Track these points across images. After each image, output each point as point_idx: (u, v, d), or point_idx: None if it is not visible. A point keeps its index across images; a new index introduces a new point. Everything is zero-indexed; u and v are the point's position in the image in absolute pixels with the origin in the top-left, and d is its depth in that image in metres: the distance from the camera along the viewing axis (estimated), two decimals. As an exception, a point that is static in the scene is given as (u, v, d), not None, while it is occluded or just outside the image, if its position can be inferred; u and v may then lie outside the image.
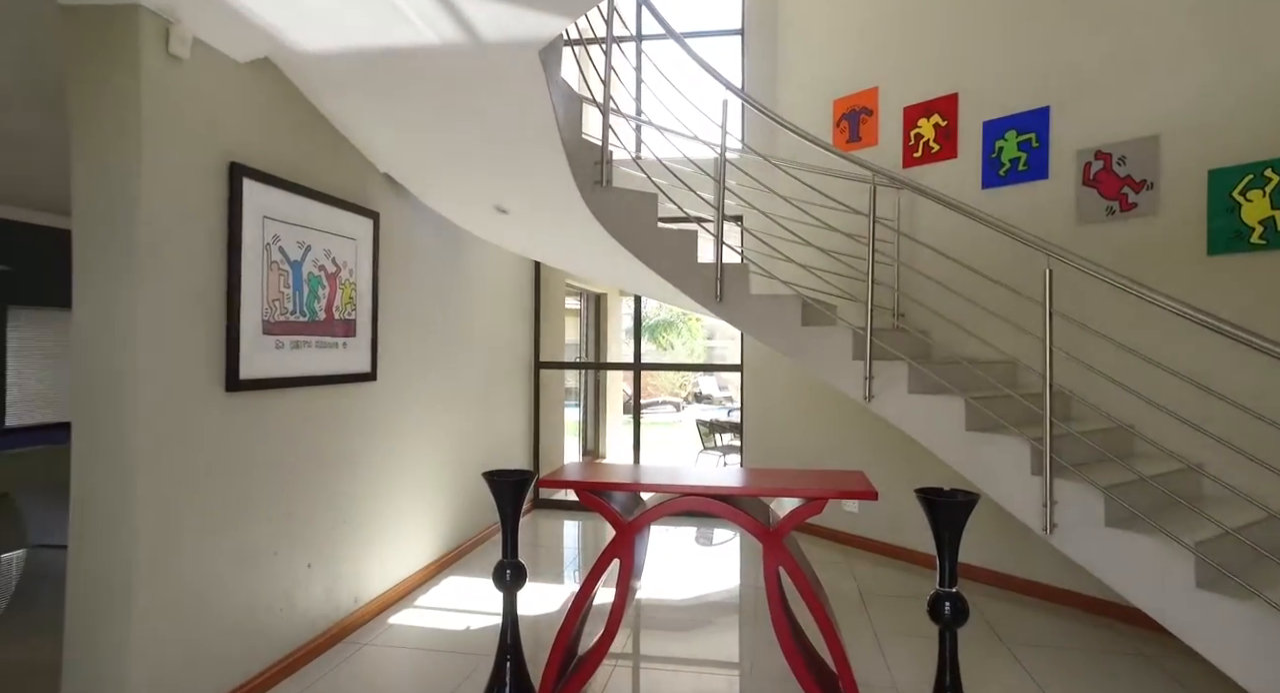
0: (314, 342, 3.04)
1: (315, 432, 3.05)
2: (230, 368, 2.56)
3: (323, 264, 3.09)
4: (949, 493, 2.21)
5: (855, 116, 4.72)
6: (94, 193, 2.22)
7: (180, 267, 2.35)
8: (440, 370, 4.20)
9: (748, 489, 2.32)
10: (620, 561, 2.38)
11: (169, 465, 2.31)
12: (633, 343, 6.21)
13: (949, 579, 2.14)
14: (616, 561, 2.42)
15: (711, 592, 4.05)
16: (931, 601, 2.15)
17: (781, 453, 5.22)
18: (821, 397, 4.86)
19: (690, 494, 2.31)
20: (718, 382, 21.86)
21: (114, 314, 2.22)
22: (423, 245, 3.98)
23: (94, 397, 2.24)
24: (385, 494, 3.60)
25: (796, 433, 5.14)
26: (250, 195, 2.63)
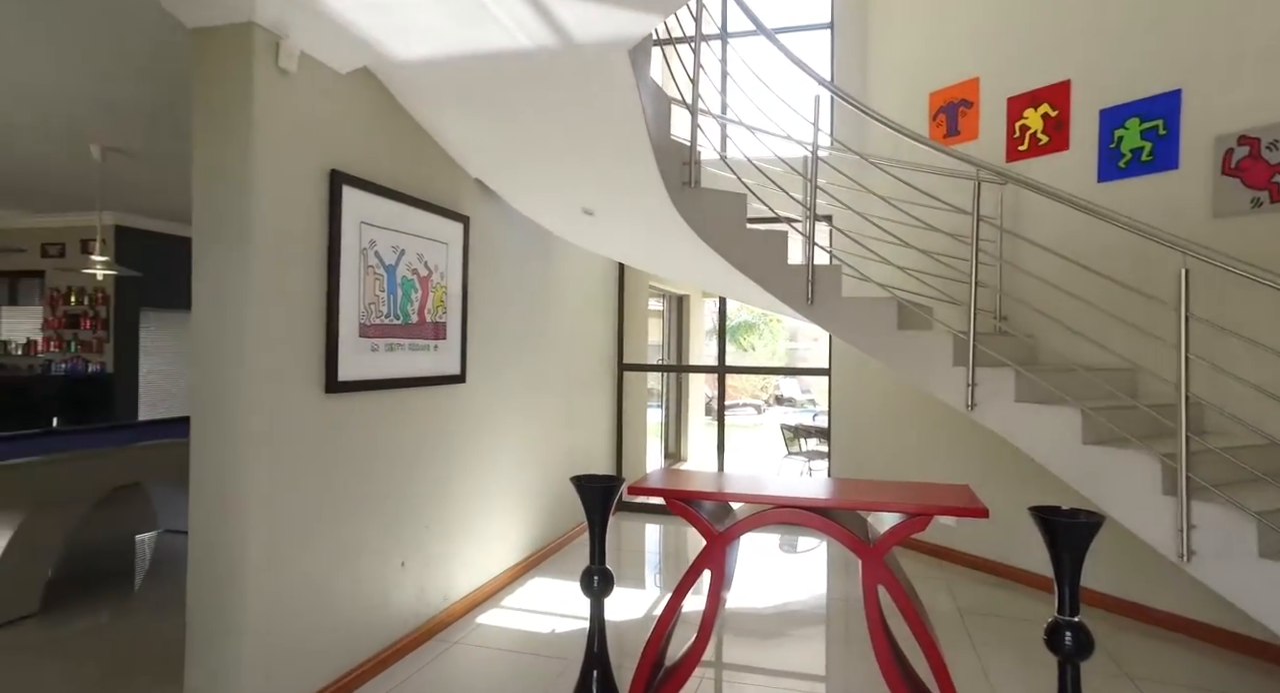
0: (407, 344, 3.11)
1: (408, 433, 3.12)
2: (329, 369, 2.64)
3: (415, 268, 3.15)
4: (1069, 513, 2.03)
5: (953, 109, 4.48)
6: (210, 201, 2.33)
7: (285, 271, 2.44)
8: (526, 372, 4.24)
9: (845, 502, 2.20)
10: (710, 572, 2.31)
11: (275, 463, 2.40)
12: (715, 345, 6.12)
13: (1070, 607, 1.96)
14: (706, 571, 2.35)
15: (796, 601, 3.92)
16: (1050, 629, 1.97)
17: (872, 461, 5.02)
18: (915, 403, 4.64)
19: (784, 506, 2.22)
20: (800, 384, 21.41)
21: (226, 316, 2.32)
22: (510, 248, 4.03)
23: (209, 395, 2.35)
24: (474, 495, 3.65)
25: (888, 441, 4.93)
26: (349, 202, 2.71)
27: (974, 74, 4.38)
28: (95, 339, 7.00)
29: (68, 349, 7.04)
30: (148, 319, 7.36)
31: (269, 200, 2.35)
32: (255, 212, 2.30)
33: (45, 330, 7.14)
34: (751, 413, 17.12)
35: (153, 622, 3.46)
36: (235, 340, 2.31)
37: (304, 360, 2.53)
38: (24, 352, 7.25)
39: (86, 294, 6.99)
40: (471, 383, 3.61)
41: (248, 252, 2.29)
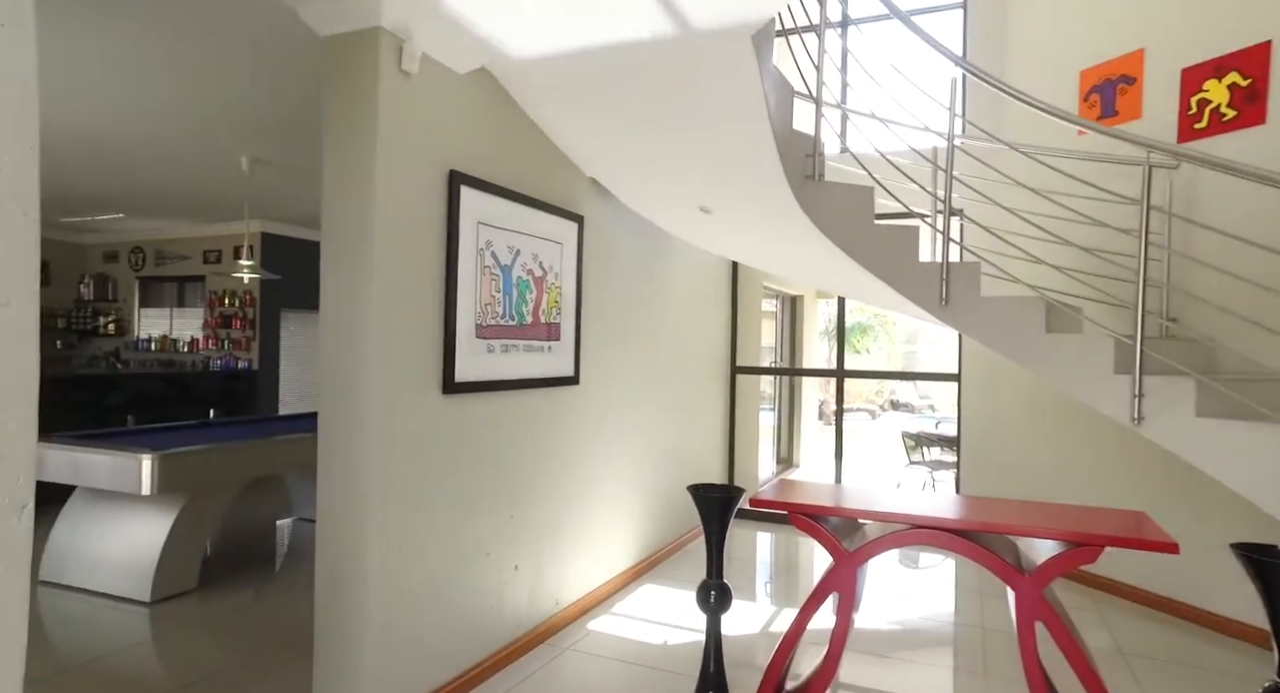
0: (521, 345, 3.10)
1: (522, 435, 3.11)
2: (446, 370, 2.66)
3: (530, 268, 3.14)
4: (1282, 552, 1.71)
5: (1110, 88, 4.01)
6: (338, 204, 2.39)
7: (405, 272, 2.47)
8: (638, 374, 4.17)
9: (995, 524, 1.96)
10: (839, 594, 2.13)
11: (395, 462, 2.43)
12: (832, 348, 5.83)
13: (1286, 666, 1.65)
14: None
15: (918, 622, 3.62)
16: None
17: (1007, 477, 4.59)
18: (1060, 415, 4.20)
19: (924, 527, 2.00)
20: (916, 390, 20.33)
21: (350, 316, 2.37)
22: (623, 248, 3.97)
23: (334, 393, 2.41)
24: (587, 498, 3.61)
25: (1027, 455, 4.49)
26: (467, 202, 2.72)
27: (1137, 46, 3.91)
28: (244, 338, 7.59)
29: (222, 347, 7.67)
30: (287, 319, 7.91)
31: (391, 201, 2.39)
32: (378, 213, 2.34)
33: (205, 330, 7.82)
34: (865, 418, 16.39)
35: (290, 603, 3.65)
36: (358, 340, 2.35)
37: (422, 361, 2.56)
38: (189, 349, 7.97)
39: (237, 297, 7.59)
40: (585, 385, 3.57)
41: (370, 252, 2.33)
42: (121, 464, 3.51)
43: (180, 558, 3.73)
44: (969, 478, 4.89)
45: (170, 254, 8.08)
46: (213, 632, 3.35)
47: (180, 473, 3.57)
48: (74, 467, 3.71)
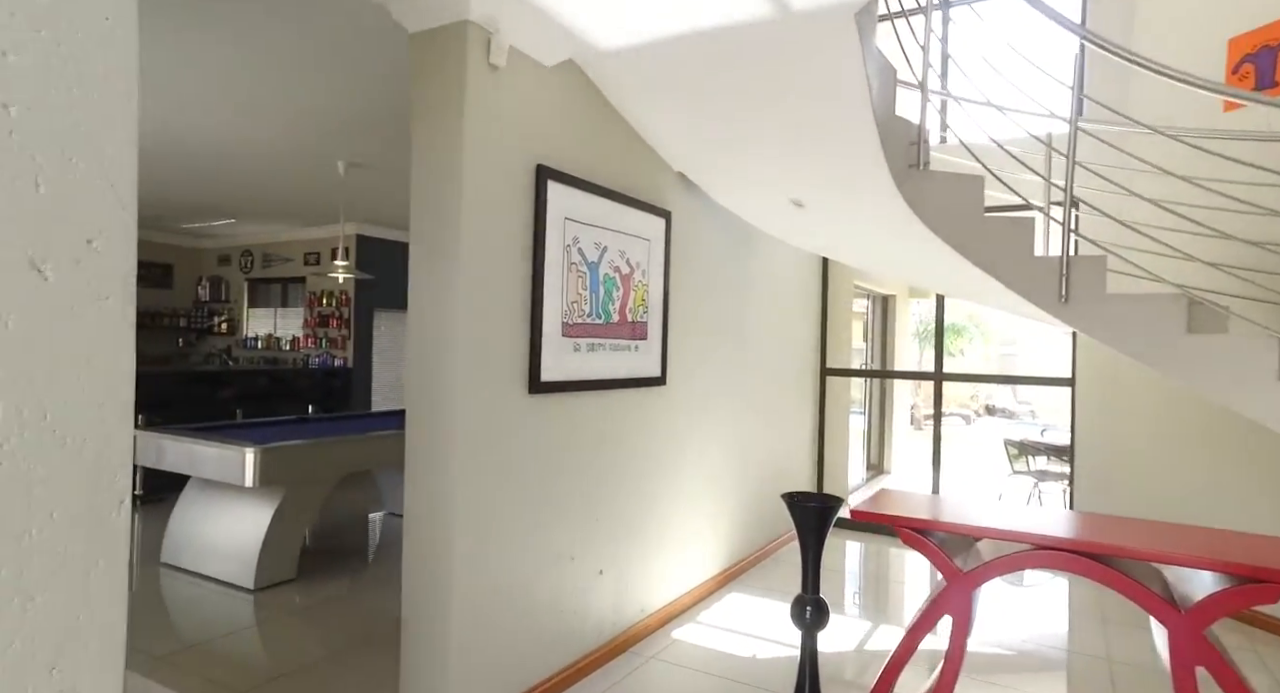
0: (608, 344, 3.03)
1: (608, 436, 3.04)
2: (532, 369, 2.61)
3: (617, 265, 3.07)
4: None
5: (1269, 57, 3.58)
6: (425, 200, 2.38)
7: (491, 269, 2.43)
8: (726, 375, 4.04)
9: (1148, 551, 1.73)
10: (953, 618, 1.94)
11: (480, 463, 2.40)
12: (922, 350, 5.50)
13: None
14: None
15: (1028, 646, 3.32)
16: None
17: (1133, 493, 4.19)
18: (1204, 425, 3.79)
19: (1054, 549, 1.79)
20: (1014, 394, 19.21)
21: (438, 314, 2.35)
22: (711, 245, 3.84)
23: (420, 392, 2.40)
24: (672, 502, 3.51)
25: (1158, 469, 4.09)
26: (554, 197, 2.67)
27: (1297, 9, 3.48)
28: (340, 337, 7.90)
29: (320, 346, 8.01)
30: (380, 319, 8.18)
31: (478, 196, 2.36)
32: (465, 208, 2.31)
33: (305, 329, 8.19)
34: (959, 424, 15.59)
35: (380, 597, 3.72)
36: (445, 338, 2.33)
37: (508, 360, 2.52)
38: (290, 347, 8.37)
39: (333, 297, 7.91)
40: (671, 385, 3.47)
41: (457, 248, 2.30)
42: (227, 457, 3.66)
43: (280, 549, 3.87)
44: (1085, 493, 4.50)
45: (275, 257, 8.51)
46: (309, 622, 3.45)
47: (279, 467, 3.70)
48: (188, 458, 3.91)
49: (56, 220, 1.01)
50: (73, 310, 1.02)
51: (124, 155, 1.08)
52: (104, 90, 1.06)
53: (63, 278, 1.01)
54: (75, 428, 1.02)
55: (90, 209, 1.05)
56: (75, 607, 1.03)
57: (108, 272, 1.05)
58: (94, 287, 1.04)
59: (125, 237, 1.08)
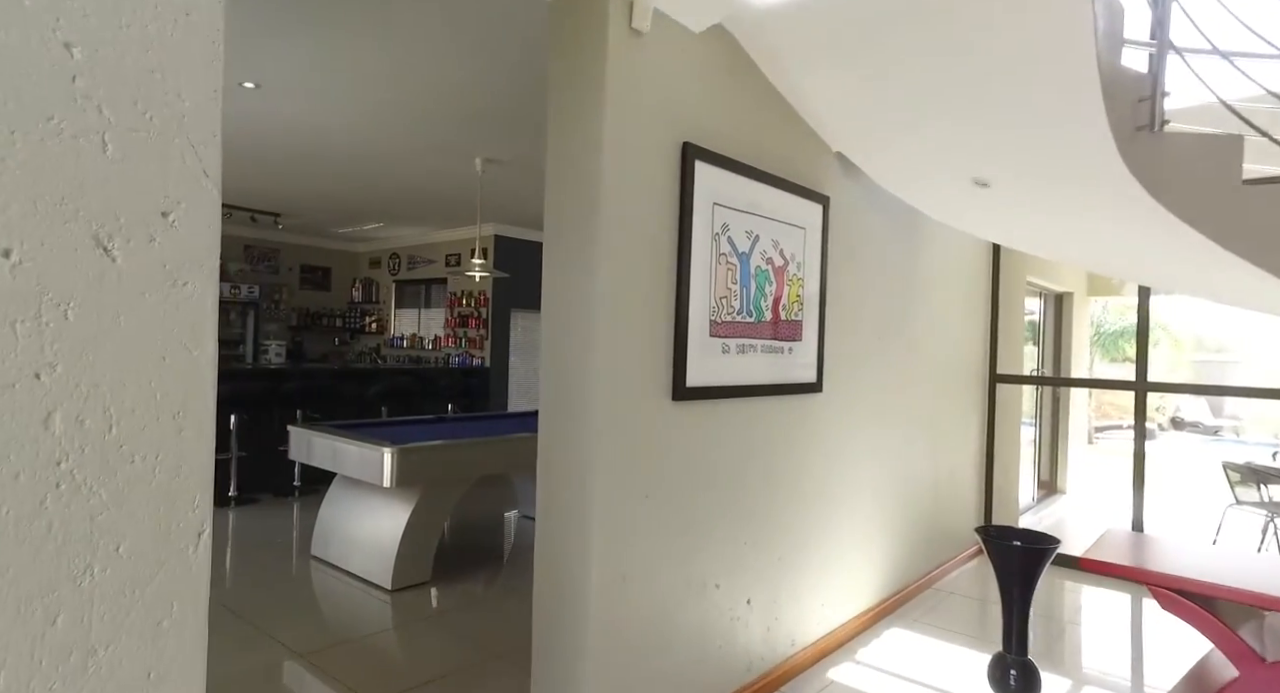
0: (759, 345, 2.69)
1: (758, 450, 2.70)
2: (677, 373, 2.32)
3: (770, 256, 2.72)
4: None
5: None
6: (560, 185, 2.16)
7: (634, 260, 2.17)
8: (887, 381, 3.58)
9: None
10: (1242, 719, 1.45)
11: (619, 476, 2.14)
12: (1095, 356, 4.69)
13: None
14: None
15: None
16: None
17: None
18: None
19: None
20: (1209, 405, 16.82)
21: (574, 310, 2.12)
22: (872, 234, 3.40)
23: (555, 398, 2.18)
24: (826, 524, 3.11)
25: None
26: (701, 179, 2.37)
27: None
28: (478, 337, 8.05)
29: (460, 345, 8.21)
30: (517, 319, 8.26)
31: (619, 177, 2.10)
32: (605, 190, 2.06)
33: (445, 328, 8.43)
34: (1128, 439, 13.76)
35: (513, 606, 3.59)
36: (581, 337, 2.10)
37: (650, 362, 2.25)
38: (432, 346, 8.65)
39: (472, 297, 8.07)
40: (828, 392, 3.08)
41: (596, 235, 2.06)
42: (367, 456, 3.66)
43: (416, 550, 3.83)
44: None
45: (420, 259, 8.83)
46: (444, 630, 3.35)
47: (416, 468, 3.65)
48: (332, 455, 3.97)
49: (127, 188, 0.81)
50: (145, 297, 0.82)
51: (207, 111, 0.88)
52: (185, 29, 0.87)
53: (134, 258, 0.81)
54: (146, 443, 0.82)
55: (167, 175, 0.85)
56: (146, 662, 0.84)
57: (187, 251, 0.86)
58: (170, 270, 0.84)
59: (208, 210, 0.87)
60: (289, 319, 8.98)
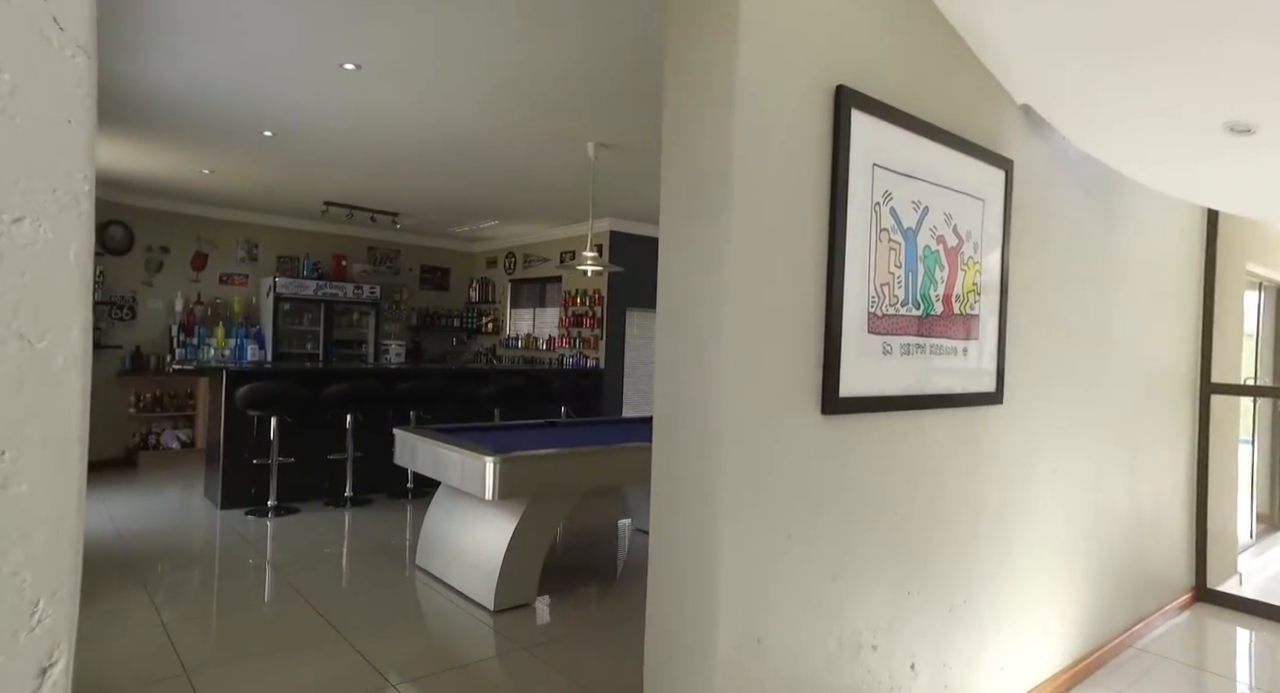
0: (927, 345, 2.14)
1: (925, 476, 2.15)
2: (827, 380, 1.83)
3: (941, 234, 2.16)
4: None
5: None
6: (682, 139, 1.73)
7: (773, 240, 1.70)
8: (1075, 391, 2.89)
9: None
10: None
11: (755, 510, 1.68)
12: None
13: None
14: None
15: None
16: None
17: None
18: None
19: None
20: None
21: (695, 305, 1.68)
22: (1061, 209, 2.74)
23: (672, 411, 1.76)
24: (1007, 567, 2.50)
25: None
26: (859, 133, 1.86)
27: None
28: (592, 337, 7.79)
29: (574, 346, 7.98)
30: (632, 319, 7.93)
31: (754, 130, 1.64)
32: (738, 147, 1.61)
33: (559, 328, 8.23)
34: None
35: (626, 639, 3.20)
36: (704, 336, 1.65)
37: (793, 367, 1.77)
38: (546, 347, 8.49)
39: (587, 296, 7.82)
40: (1008, 404, 2.46)
41: (727, 203, 1.61)
42: (469, 465, 3.39)
43: (521, 568, 3.52)
44: None
45: (534, 257, 8.71)
46: (548, 664, 2.99)
47: (521, 479, 3.34)
48: (436, 461, 3.74)
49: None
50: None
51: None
52: None
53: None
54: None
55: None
56: None
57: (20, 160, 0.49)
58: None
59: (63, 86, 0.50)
60: (409, 320, 9.12)
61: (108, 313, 6.85)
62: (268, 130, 4.54)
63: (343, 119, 4.25)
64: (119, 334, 6.95)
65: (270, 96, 3.92)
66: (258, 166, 5.59)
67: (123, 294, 7.00)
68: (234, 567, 4.12)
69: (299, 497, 5.41)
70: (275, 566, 4.12)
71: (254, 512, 5.12)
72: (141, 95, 4.01)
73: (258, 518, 5.04)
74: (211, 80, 3.75)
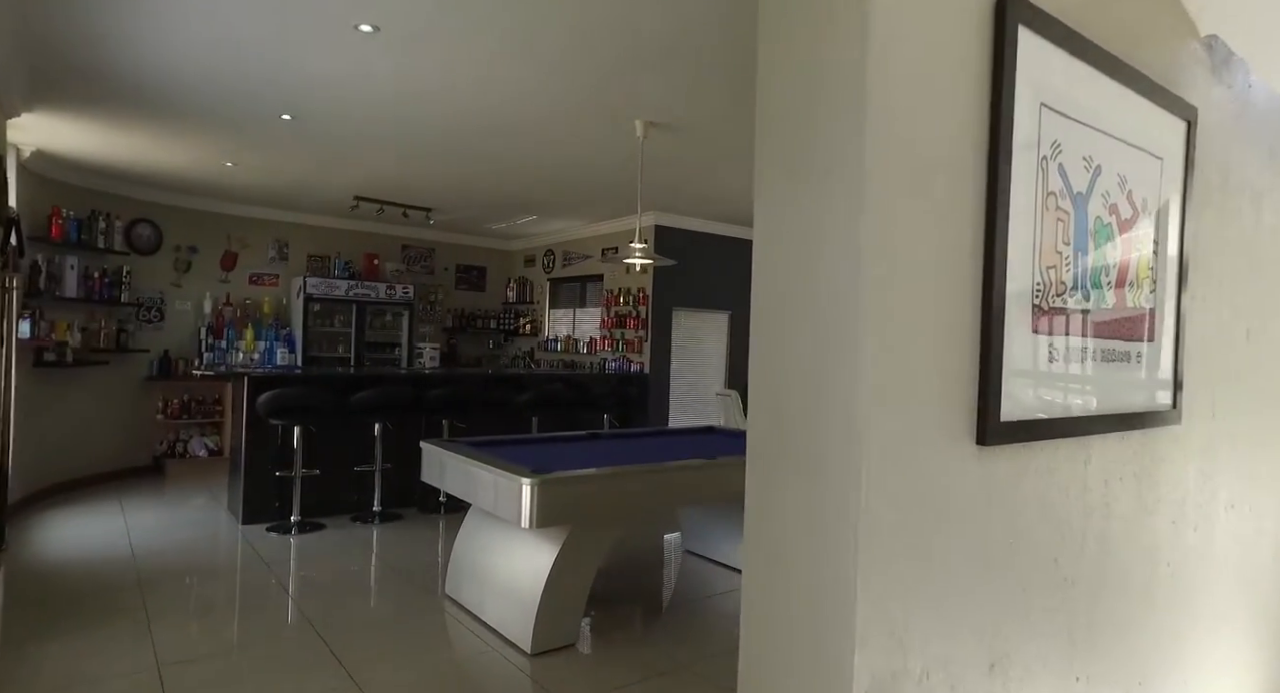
0: (1098, 348, 1.62)
1: (1094, 525, 1.63)
2: (985, 399, 1.32)
3: (1114, 202, 1.64)
4: None
5: None
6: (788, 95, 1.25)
7: (911, 206, 1.21)
8: (1258, 406, 2.31)
9: None
10: None
11: (884, 578, 1.19)
12: None
13: None
14: None
15: None
16: None
17: None
18: None
19: None
20: None
21: (810, 296, 1.20)
22: (1243, 174, 2.17)
23: (773, 434, 1.28)
24: (1185, 639, 1.95)
25: None
26: (1026, 59, 1.35)
27: None
28: (636, 339, 7.33)
29: (616, 348, 7.53)
30: (679, 319, 7.45)
31: (893, 72, 1.15)
32: (871, 96, 1.12)
33: (601, 330, 7.79)
34: None
35: (688, 680, 2.73)
36: (827, 342, 1.17)
37: (940, 379, 1.27)
38: (587, 350, 8.06)
39: (631, 295, 7.36)
40: (1187, 424, 1.92)
41: (860, 162, 1.12)
42: (503, 486, 2.96)
43: (562, 604, 3.08)
44: None
45: (575, 255, 8.29)
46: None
47: (563, 504, 2.90)
48: (467, 481, 3.32)
49: None
50: None
51: None
52: None
53: None
54: None
55: None
56: None
57: None
58: None
59: None
60: (444, 321, 8.78)
61: (135, 315, 6.63)
62: (285, 114, 4.18)
63: (364, 96, 3.86)
64: (147, 337, 6.72)
65: (283, 71, 3.54)
66: (281, 156, 5.26)
67: (151, 296, 6.78)
68: (247, 594, 3.76)
69: (324, 511, 5.05)
70: (291, 593, 3.75)
71: (276, 528, 4.78)
72: (149, 77, 3.68)
73: (280, 534, 4.70)
74: (216, 53, 3.39)
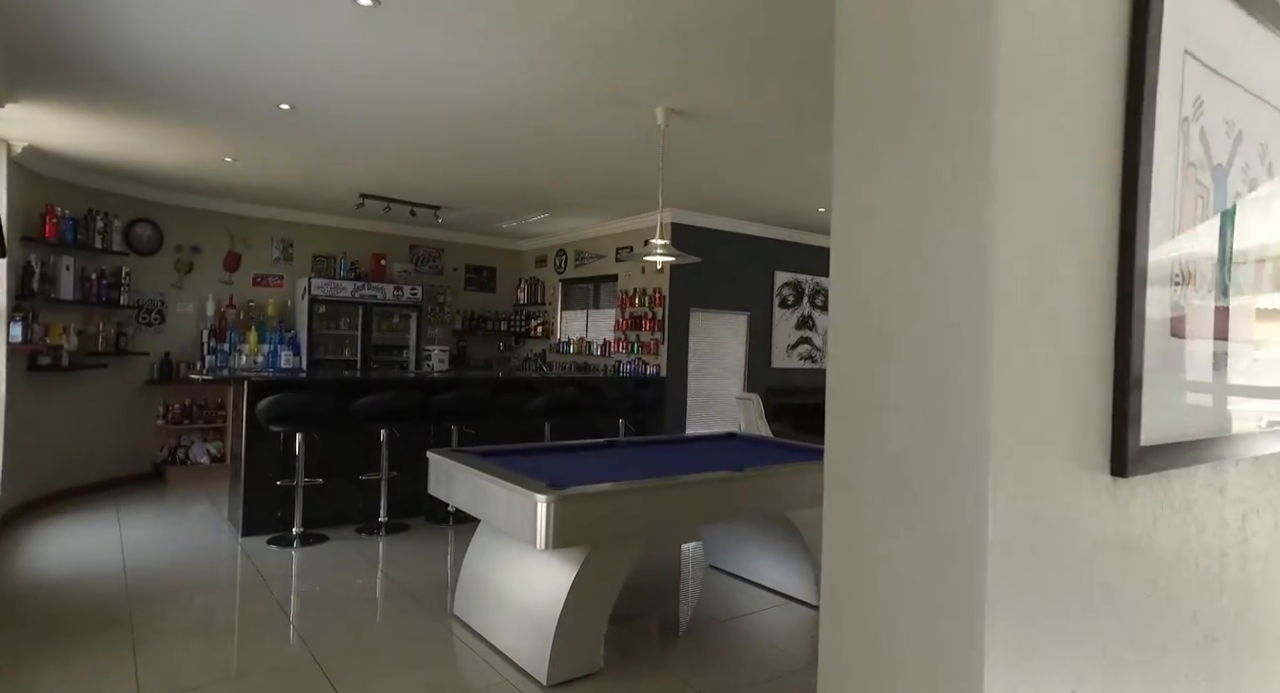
0: (1233, 354, 1.35)
1: (1230, 569, 1.36)
2: (1120, 422, 1.06)
3: (1254, 176, 1.37)
4: None
5: None
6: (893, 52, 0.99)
7: (1036, 180, 0.94)
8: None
9: None
10: None
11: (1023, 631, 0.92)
12: None
13: None
14: None
15: None
16: None
17: None
18: None
19: None
20: None
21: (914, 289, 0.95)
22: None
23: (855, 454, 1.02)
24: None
25: None
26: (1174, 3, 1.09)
27: None
28: (652, 341, 7.07)
29: (632, 351, 7.27)
30: (696, 320, 7.20)
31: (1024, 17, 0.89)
32: (1003, 50, 0.86)
33: (615, 332, 7.54)
34: None
35: None
36: (941, 346, 0.91)
37: (1067, 396, 1.00)
38: (601, 352, 7.81)
39: (646, 295, 7.10)
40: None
41: (990, 122, 0.86)
42: (516, 504, 2.71)
43: (581, 630, 2.82)
44: None
45: (588, 254, 8.05)
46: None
47: (582, 523, 2.65)
48: (475, 495, 3.07)
49: None
50: None
51: None
52: None
53: None
54: None
55: None
56: None
57: None
58: None
59: None
60: (453, 323, 8.55)
61: (135, 317, 6.43)
62: (284, 103, 3.95)
63: (365, 81, 3.62)
64: (147, 340, 6.52)
65: (277, 52, 3.30)
66: (281, 149, 5.04)
67: (151, 297, 6.58)
68: (244, 615, 3.52)
69: (328, 522, 4.83)
70: (290, 612, 3.51)
71: (277, 540, 4.55)
72: (136, 59, 3.46)
73: (280, 548, 4.47)
74: (208, 28, 3.16)
